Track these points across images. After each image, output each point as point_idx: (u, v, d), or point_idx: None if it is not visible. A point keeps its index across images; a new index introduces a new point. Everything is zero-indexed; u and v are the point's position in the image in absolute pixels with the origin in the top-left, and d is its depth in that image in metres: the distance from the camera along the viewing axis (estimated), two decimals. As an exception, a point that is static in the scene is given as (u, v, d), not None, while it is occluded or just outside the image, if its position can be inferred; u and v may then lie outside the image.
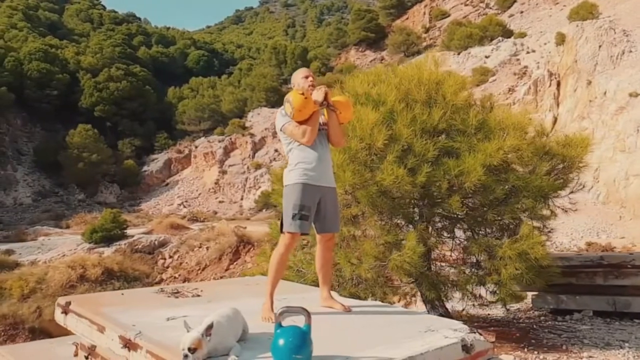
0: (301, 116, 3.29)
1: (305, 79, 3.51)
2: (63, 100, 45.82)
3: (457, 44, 37.66)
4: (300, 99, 3.25)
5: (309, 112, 3.29)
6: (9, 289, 19.33)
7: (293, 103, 3.25)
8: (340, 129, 3.53)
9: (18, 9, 60.02)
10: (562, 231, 14.09)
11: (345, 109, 3.49)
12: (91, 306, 3.12)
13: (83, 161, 39.80)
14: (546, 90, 28.10)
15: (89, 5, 73.74)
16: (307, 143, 3.34)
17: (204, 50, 65.90)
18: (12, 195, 39.84)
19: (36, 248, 27.31)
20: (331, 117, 3.46)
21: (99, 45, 53.52)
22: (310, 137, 3.32)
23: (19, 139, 44.00)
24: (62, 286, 20.65)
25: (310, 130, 3.31)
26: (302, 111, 3.26)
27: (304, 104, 3.24)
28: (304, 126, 3.31)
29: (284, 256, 3.25)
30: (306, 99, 3.25)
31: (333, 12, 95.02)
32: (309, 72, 3.59)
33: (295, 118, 3.31)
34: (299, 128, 3.31)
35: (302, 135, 3.31)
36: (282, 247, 3.24)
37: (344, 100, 3.56)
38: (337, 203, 3.54)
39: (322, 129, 3.46)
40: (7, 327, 16.50)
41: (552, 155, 4.91)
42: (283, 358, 2.23)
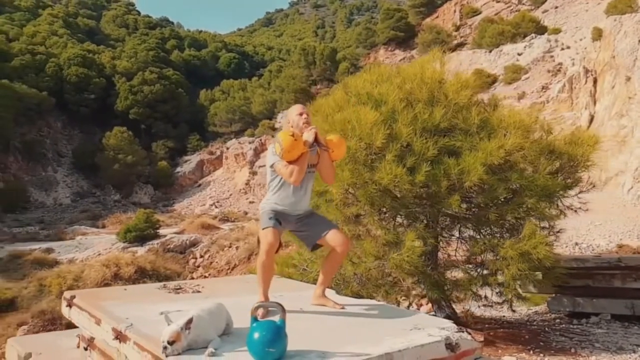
0: (290, 157, 3.32)
1: (300, 116, 3.53)
2: (100, 103, 47.34)
3: (489, 42, 37.03)
4: (289, 140, 3.28)
5: (297, 153, 3.31)
6: (48, 286, 20.02)
7: (282, 144, 3.28)
8: (332, 167, 3.56)
9: (59, 16, 62.29)
10: (598, 233, 13.69)
11: (338, 148, 3.50)
12: (92, 300, 3.27)
13: (118, 162, 40.97)
14: (582, 88, 27.29)
15: (125, 11, 75.88)
16: (294, 184, 3.39)
17: (234, 53, 66.80)
18: (53, 195, 41.34)
19: (74, 247, 28.26)
20: (323, 156, 3.48)
21: (133, 49, 54.99)
22: (297, 178, 3.36)
23: (59, 141, 45.67)
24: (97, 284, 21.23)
25: (298, 171, 3.34)
26: (290, 152, 3.29)
27: (292, 146, 3.27)
28: (292, 166, 3.34)
29: (266, 263, 3.25)
30: (295, 141, 3.28)
31: (363, 12, 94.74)
32: (304, 110, 3.58)
33: (284, 159, 3.34)
34: (287, 168, 3.35)
35: (289, 176, 3.35)
36: (262, 255, 3.27)
37: (336, 139, 3.56)
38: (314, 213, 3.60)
39: (309, 171, 3.50)
40: (45, 323, 17.13)
41: (557, 154, 4.82)
42: (257, 351, 2.31)
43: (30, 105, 41.63)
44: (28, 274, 22.44)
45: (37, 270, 22.89)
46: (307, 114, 3.57)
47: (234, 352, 2.40)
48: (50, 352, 3.35)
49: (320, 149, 3.47)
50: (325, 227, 3.50)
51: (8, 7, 63.39)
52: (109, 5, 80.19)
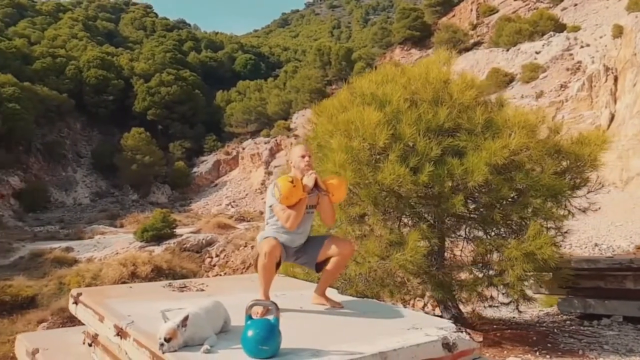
0: (288, 202, 3.35)
1: (302, 159, 3.53)
2: (118, 104, 48.05)
3: (506, 40, 36.62)
4: (288, 186, 3.30)
5: (296, 199, 3.34)
6: (67, 284, 20.33)
7: (281, 189, 3.31)
8: (331, 210, 3.57)
9: (78, 20, 63.38)
10: (619, 233, 13.44)
11: (338, 190, 3.52)
12: (98, 297, 3.35)
13: (136, 163, 41.49)
14: (602, 86, 26.82)
15: (143, 14, 76.83)
16: (289, 229, 3.42)
17: (251, 54, 67.16)
18: (72, 195, 42.06)
19: (92, 246, 28.70)
20: (323, 199, 3.51)
21: (151, 51, 55.67)
22: (293, 224, 3.39)
23: (79, 142, 46.47)
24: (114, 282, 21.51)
25: (294, 216, 3.37)
26: (289, 198, 3.32)
27: (291, 192, 3.30)
28: (289, 212, 3.37)
29: (267, 265, 3.28)
30: (294, 187, 3.31)
31: (379, 12, 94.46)
32: (306, 152, 3.58)
33: (282, 203, 3.37)
34: (284, 212, 3.38)
35: (286, 221, 3.38)
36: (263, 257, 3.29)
37: (337, 182, 3.57)
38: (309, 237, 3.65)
39: (308, 212, 3.52)
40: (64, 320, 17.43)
41: (563, 154, 4.76)
42: (250, 349, 2.34)
43: (51, 107, 42.46)
44: (48, 272, 22.87)
45: (56, 269, 23.33)
46: (309, 156, 3.57)
47: (229, 350, 2.44)
48: (57, 347, 3.44)
49: (320, 193, 3.49)
50: (319, 245, 3.52)
51: (30, 11, 64.73)
52: (127, 8, 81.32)
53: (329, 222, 3.61)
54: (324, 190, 3.49)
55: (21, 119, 37.04)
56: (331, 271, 3.49)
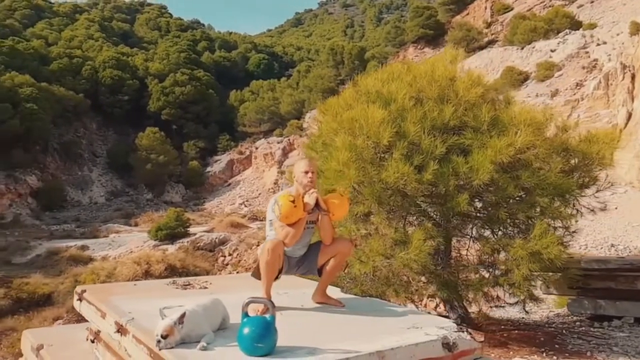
0: (288, 221, 3.36)
1: (305, 175, 3.51)
2: (133, 104, 48.53)
3: (521, 39, 36.22)
4: (289, 206, 3.30)
5: (295, 218, 3.35)
6: (83, 282, 20.57)
7: (281, 208, 3.31)
8: (331, 229, 3.56)
9: (94, 20, 64.17)
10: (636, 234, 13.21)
11: (339, 209, 3.52)
12: (101, 294, 3.38)
13: (151, 162, 41.87)
14: (619, 84, 26.40)
15: (157, 14, 77.48)
16: (287, 246, 3.41)
17: (264, 54, 67.35)
18: (88, 194, 42.59)
19: (107, 244, 29.03)
20: (323, 218, 3.50)
21: (165, 51, 56.10)
22: (291, 242, 3.39)
23: (94, 142, 47.05)
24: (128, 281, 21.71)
25: (293, 235, 3.37)
26: (288, 217, 3.32)
27: (291, 212, 3.30)
28: (288, 230, 3.37)
29: (270, 261, 3.29)
30: (295, 207, 3.30)
31: (392, 11, 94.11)
32: (310, 168, 3.55)
33: (281, 221, 3.38)
34: (283, 230, 3.38)
35: (284, 238, 3.38)
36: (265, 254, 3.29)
37: (338, 202, 3.55)
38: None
39: (308, 227, 3.52)
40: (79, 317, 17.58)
41: (571, 152, 4.69)
42: (246, 346, 2.35)
43: (68, 107, 43.05)
44: (64, 270, 23.20)
45: (72, 267, 23.66)
46: (312, 172, 3.54)
47: (225, 347, 2.45)
48: (61, 344, 3.49)
49: (321, 213, 3.48)
50: (317, 250, 3.52)
51: (47, 12, 65.68)
52: (142, 9, 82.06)
53: (327, 240, 3.58)
54: (325, 210, 3.48)
55: (39, 119, 37.63)
56: (330, 270, 3.49)
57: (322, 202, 3.48)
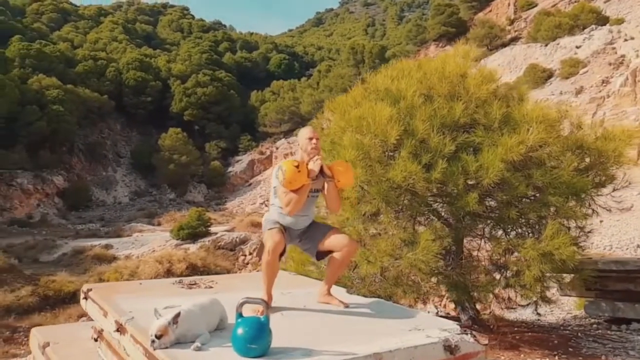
0: (291, 187, 3.31)
1: (309, 141, 3.49)
2: (156, 105, 49.19)
3: (545, 35, 35.52)
4: (292, 171, 3.26)
5: (299, 184, 3.29)
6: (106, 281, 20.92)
7: (285, 173, 3.27)
8: (337, 197, 3.51)
9: (118, 23, 65.27)
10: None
11: (344, 176, 3.46)
12: (106, 293, 3.41)
13: (174, 163, 42.40)
14: (647, 81, 25.71)
15: (180, 16, 78.46)
16: (289, 214, 3.39)
17: (285, 54, 67.55)
18: (112, 194, 43.36)
19: (130, 243, 29.50)
20: (329, 185, 3.45)
21: (187, 52, 56.73)
22: (293, 210, 3.35)
23: (119, 142, 47.86)
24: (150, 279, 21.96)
25: (295, 202, 3.32)
26: (292, 183, 3.28)
27: (295, 177, 3.26)
28: (290, 196, 3.33)
29: (272, 259, 3.26)
30: (298, 172, 3.26)
31: (414, 9, 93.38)
32: (314, 134, 3.54)
33: (285, 187, 3.33)
34: (286, 196, 3.34)
35: (286, 205, 3.35)
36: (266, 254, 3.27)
37: (343, 168, 3.51)
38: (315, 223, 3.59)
39: (314, 195, 3.48)
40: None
41: (585, 150, 4.54)
42: (239, 347, 2.33)
43: (92, 108, 43.88)
44: (89, 269, 23.65)
45: (97, 265, 24.11)
46: (316, 138, 3.52)
47: (220, 348, 2.44)
48: (67, 342, 3.53)
49: (326, 179, 3.43)
50: (321, 233, 3.47)
51: (73, 15, 67.12)
52: (165, 10, 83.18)
53: (334, 208, 3.56)
54: (330, 177, 3.43)
55: (64, 121, 38.47)
56: (334, 270, 3.45)
57: (326, 169, 3.44)
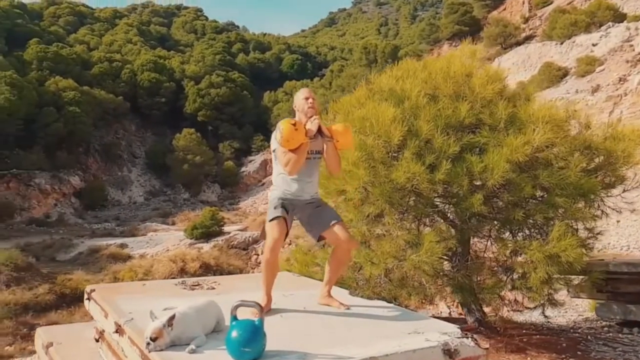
0: (289, 146, 3.27)
1: (305, 101, 3.48)
2: (170, 106, 49.62)
3: (560, 33, 35.02)
4: (289, 128, 3.22)
5: (297, 142, 3.25)
6: (121, 279, 21.16)
7: (282, 132, 3.23)
8: (337, 157, 3.47)
9: (133, 25, 65.93)
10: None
11: (343, 136, 3.42)
12: (108, 294, 3.44)
13: (188, 163, 42.76)
14: (666, 79, 25.23)
15: (194, 17, 78.99)
16: (289, 174, 3.35)
17: (297, 55, 67.62)
18: (128, 194, 43.85)
19: (145, 243, 29.79)
20: (328, 146, 3.42)
21: (201, 54, 57.09)
22: (293, 169, 3.30)
23: (133, 143, 48.38)
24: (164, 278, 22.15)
25: (295, 161, 3.28)
26: (289, 141, 3.23)
27: (292, 135, 3.22)
28: (290, 156, 3.29)
29: (270, 261, 3.27)
30: (296, 130, 3.22)
31: (427, 8, 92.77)
32: (310, 94, 3.54)
33: (283, 147, 3.29)
34: (285, 156, 3.30)
35: (286, 165, 3.31)
36: (267, 252, 3.27)
37: (342, 128, 3.47)
38: (323, 203, 3.53)
39: (315, 157, 3.44)
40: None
41: (594, 150, 4.46)
42: (233, 350, 2.33)
43: (108, 109, 44.45)
44: (104, 268, 23.96)
45: (112, 264, 24.42)
46: (313, 98, 3.51)
47: (215, 350, 2.43)
48: (70, 342, 3.57)
49: (324, 139, 3.40)
50: (331, 219, 3.42)
51: (89, 18, 67.99)
52: (179, 12, 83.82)
53: (334, 169, 3.52)
54: (329, 137, 3.40)
55: (81, 122, 39.03)
56: (333, 270, 3.43)
57: (325, 129, 3.41)
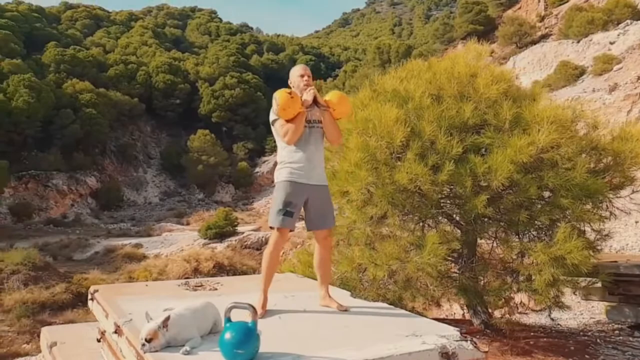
0: (286, 115, 3.30)
1: (301, 78, 3.51)
2: (185, 108, 50.06)
3: (577, 31, 34.51)
4: (285, 97, 3.24)
5: (294, 111, 3.27)
6: (136, 279, 21.39)
7: (279, 101, 3.26)
8: (335, 127, 3.49)
9: (148, 27, 66.66)
10: None
11: (339, 105, 3.43)
12: (110, 295, 3.47)
13: (202, 164, 43.09)
14: (685, 77, 24.74)
15: (208, 19, 79.61)
16: (288, 143, 3.36)
17: (311, 55, 67.73)
18: (143, 194, 44.33)
19: (160, 243, 30.08)
20: (325, 115, 3.43)
21: (215, 55, 57.45)
22: (292, 138, 3.32)
23: (149, 144, 48.90)
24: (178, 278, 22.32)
25: (293, 130, 3.30)
26: (286, 110, 3.26)
27: (288, 103, 3.24)
28: (288, 126, 3.31)
29: (273, 253, 3.35)
30: (292, 98, 3.25)
31: (441, 8, 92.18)
32: (305, 71, 3.57)
33: (280, 116, 3.33)
34: (283, 127, 3.33)
35: (284, 135, 3.33)
36: (270, 244, 3.35)
37: (337, 97, 3.49)
38: (328, 200, 3.54)
39: (315, 126, 3.44)
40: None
41: (600, 150, 4.38)
42: (226, 352, 2.33)
43: (124, 111, 45.01)
44: (119, 267, 24.24)
45: (127, 264, 24.70)
46: (308, 75, 3.53)
47: (209, 352, 2.44)
48: (73, 341, 3.62)
49: (320, 109, 3.41)
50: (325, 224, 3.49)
51: (105, 21, 68.93)
52: (194, 14, 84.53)
53: (334, 139, 3.55)
54: (325, 106, 3.41)
55: (97, 123, 39.58)
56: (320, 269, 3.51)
57: (321, 99, 3.42)
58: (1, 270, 18.40)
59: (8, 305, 16.67)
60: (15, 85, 35.66)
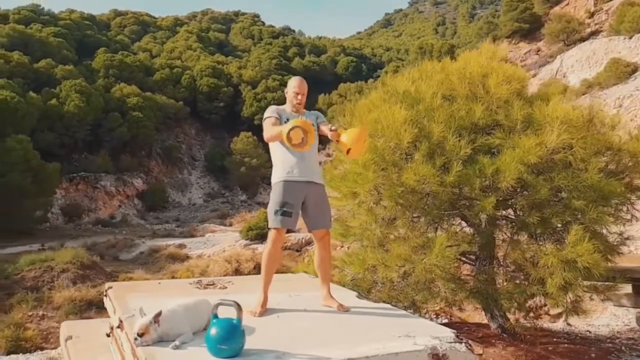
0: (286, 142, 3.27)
1: (295, 95, 3.55)
2: (228, 110, 51.06)
3: (629, 27, 32.92)
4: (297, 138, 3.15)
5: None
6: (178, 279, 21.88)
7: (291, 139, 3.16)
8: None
9: (193, 32, 68.41)
10: None
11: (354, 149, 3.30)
12: (122, 292, 3.63)
13: (245, 165, 43.86)
14: None
15: (251, 23, 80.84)
16: (267, 141, 3.52)
17: (352, 57, 67.62)
18: (187, 196, 45.53)
19: (202, 243, 30.74)
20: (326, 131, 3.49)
21: (258, 58, 58.36)
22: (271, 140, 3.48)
23: (193, 146, 50.18)
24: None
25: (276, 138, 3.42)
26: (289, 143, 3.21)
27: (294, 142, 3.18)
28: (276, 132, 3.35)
29: (272, 252, 3.40)
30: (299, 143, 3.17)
31: (486, 6, 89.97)
32: (301, 89, 3.57)
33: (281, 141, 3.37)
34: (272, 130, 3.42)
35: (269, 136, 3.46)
36: (269, 243, 3.41)
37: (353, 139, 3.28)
38: (325, 199, 3.56)
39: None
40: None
41: (615, 151, 4.19)
42: (211, 347, 2.42)
43: (169, 114, 46.42)
44: (163, 267, 24.92)
45: (170, 264, 25.35)
46: (302, 94, 3.57)
47: (197, 347, 2.52)
48: (87, 336, 3.81)
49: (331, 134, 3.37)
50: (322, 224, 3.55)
51: (152, 27, 71.27)
52: (237, 18, 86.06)
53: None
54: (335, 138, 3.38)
55: (144, 126, 40.99)
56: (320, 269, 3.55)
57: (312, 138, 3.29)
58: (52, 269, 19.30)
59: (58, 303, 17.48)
60: (67, 90, 37.43)
